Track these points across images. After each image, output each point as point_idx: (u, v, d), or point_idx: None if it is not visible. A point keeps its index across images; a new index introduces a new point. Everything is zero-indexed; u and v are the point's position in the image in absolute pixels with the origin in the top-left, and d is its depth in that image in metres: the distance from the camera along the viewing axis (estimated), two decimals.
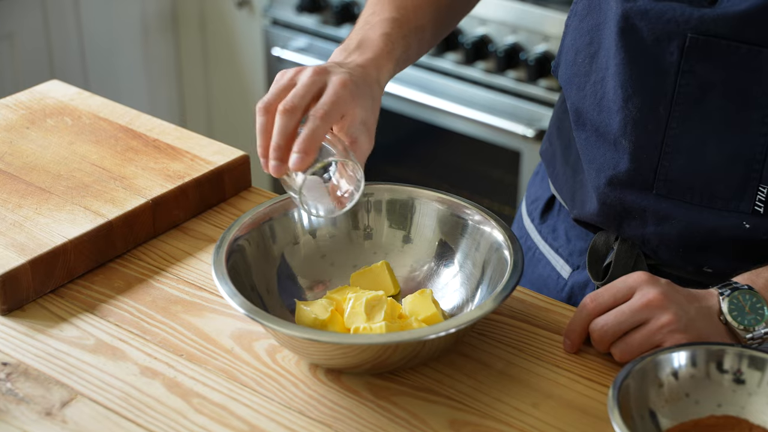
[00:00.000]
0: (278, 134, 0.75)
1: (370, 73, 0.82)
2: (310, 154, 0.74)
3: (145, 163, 0.96)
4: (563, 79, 0.89)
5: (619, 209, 0.84)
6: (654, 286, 0.74)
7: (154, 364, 0.77)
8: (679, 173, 0.81)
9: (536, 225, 0.98)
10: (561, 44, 0.91)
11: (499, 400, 0.74)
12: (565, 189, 0.91)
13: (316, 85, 0.77)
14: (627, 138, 0.81)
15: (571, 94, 0.87)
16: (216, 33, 2.06)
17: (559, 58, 0.91)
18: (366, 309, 0.77)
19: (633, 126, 0.81)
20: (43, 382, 0.75)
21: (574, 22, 0.87)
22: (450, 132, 1.77)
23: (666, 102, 0.79)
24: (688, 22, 0.77)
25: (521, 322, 0.82)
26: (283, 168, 0.75)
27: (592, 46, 0.84)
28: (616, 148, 0.82)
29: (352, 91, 0.78)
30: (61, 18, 1.89)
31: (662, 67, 0.79)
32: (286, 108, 0.76)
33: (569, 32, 0.88)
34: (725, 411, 0.70)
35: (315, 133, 0.75)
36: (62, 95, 1.07)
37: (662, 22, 0.78)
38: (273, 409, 0.73)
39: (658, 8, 0.78)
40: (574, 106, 0.86)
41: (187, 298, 0.84)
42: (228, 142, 1.02)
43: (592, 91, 0.84)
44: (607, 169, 0.83)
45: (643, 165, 0.81)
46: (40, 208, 0.89)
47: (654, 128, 0.80)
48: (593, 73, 0.84)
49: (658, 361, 0.71)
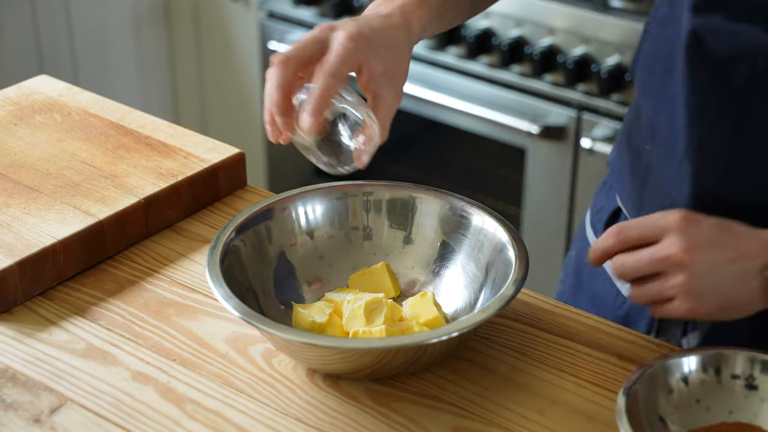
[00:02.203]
0: (272, 87, 0.73)
1: (394, 22, 0.78)
2: (319, 114, 0.72)
3: (137, 161, 0.95)
4: (640, 87, 0.86)
5: None
6: (684, 236, 0.71)
7: (146, 369, 0.76)
8: (744, 198, 0.78)
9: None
10: (638, 49, 0.87)
11: (503, 407, 0.73)
12: (631, 203, 0.88)
13: (318, 39, 0.74)
14: (690, 160, 0.78)
15: (648, 106, 0.84)
16: (210, 26, 2.05)
17: (635, 63, 0.88)
18: (365, 312, 0.77)
19: (697, 148, 0.78)
20: (32, 388, 0.74)
21: (655, 29, 0.84)
22: (452, 128, 1.76)
23: (732, 126, 0.77)
24: (761, 46, 0.74)
25: (526, 326, 0.81)
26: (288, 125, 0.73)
27: (670, 58, 0.80)
28: (680, 169, 0.80)
29: (362, 44, 0.74)
30: (50, 10, 1.88)
31: (729, 89, 0.76)
32: (280, 59, 0.73)
33: (648, 39, 0.85)
34: (737, 418, 0.70)
35: (323, 91, 0.72)
36: (51, 91, 1.06)
37: (733, 43, 0.75)
38: (269, 415, 0.72)
39: (731, 28, 0.75)
40: (649, 118, 0.84)
41: (180, 300, 0.83)
42: (223, 140, 1.02)
43: (666, 105, 0.81)
44: (671, 190, 0.81)
45: (704, 190, 0.78)
46: (28, 208, 0.88)
47: (718, 152, 0.78)
48: (669, 86, 0.80)
49: (668, 367, 0.70)
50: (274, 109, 0.73)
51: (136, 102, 2.05)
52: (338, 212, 0.84)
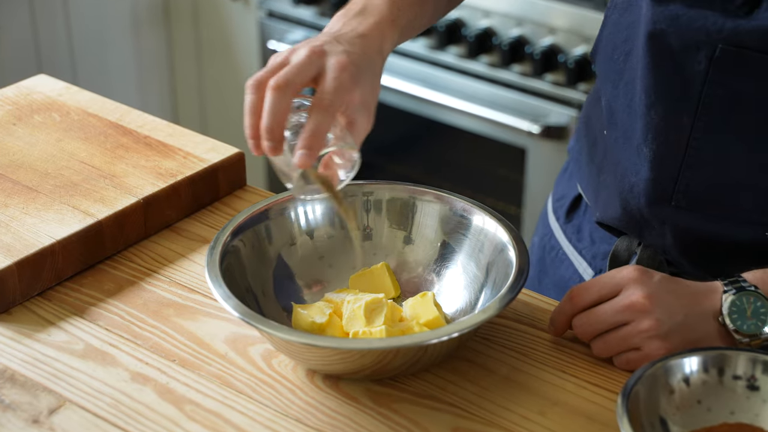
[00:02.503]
0: (269, 114, 0.71)
1: (372, 44, 0.78)
2: (316, 150, 0.71)
3: (136, 161, 0.95)
4: (600, 73, 0.87)
5: (638, 217, 0.83)
6: (641, 286, 0.73)
7: (145, 369, 0.76)
8: (701, 185, 0.79)
9: (561, 224, 0.96)
10: (599, 35, 0.88)
11: (504, 407, 0.73)
12: (590, 189, 0.89)
13: (313, 65, 0.74)
14: (648, 146, 0.80)
15: (606, 91, 0.85)
16: (209, 25, 2.05)
17: (597, 47, 0.88)
18: (365, 312, 0.77)
19: (655, 134, 0.79)
20: (30, 389, 0.74)
21: (614, 15, 0.85)
22: (452, 128, 1.75)
23: (690, 112, 0.77)
24: (720, 32, 0.75)
25: (526, 326, 0.80)
26: (277, 149, 0.72)
27: (627, 44, 0.82)
28: (638, 155, 0.81)
29: (353, 74, 0.74)
30: (49, 9, 1.87)
31: (688, 75, 0.77)
32: (279, 84, 0.71)
33: (608, 24, 0.86)
34: (739, 419, 0.69)
35: (320, 128, 0.71)
36: (50, 90, 1.06)
37: (693, 30, 0.76)
38: (269, 416, 0.72)
39: (690, 15, 0.76)
40: (608, 103, 0.85)
41: (179, 301, 0.83)
42: (222, 139, 1.01)
43: (624, 91, 0.82)
44: (630, 175, 0.82)
45: (662, 175, 0.80)
46: (26, 208, 0.88)
47: (676, 138, 0.79)
48: (626, 72, 0.82)
49: (669, 367, 0.70)
50: (266, 135, 0.72)
51: (135, 101, 2.05)
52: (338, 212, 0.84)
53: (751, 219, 0.78)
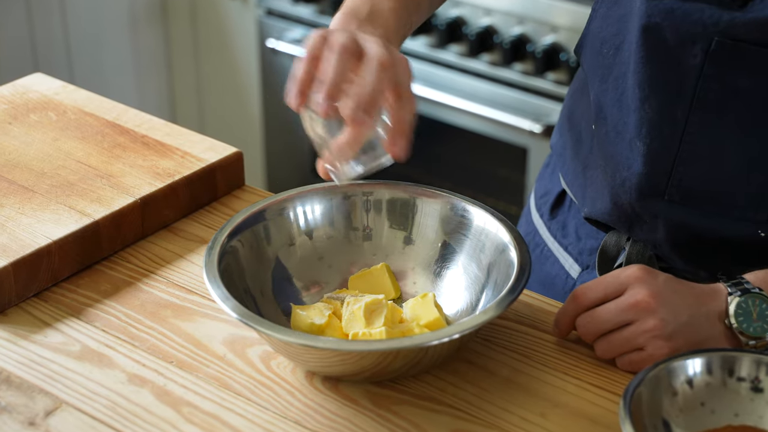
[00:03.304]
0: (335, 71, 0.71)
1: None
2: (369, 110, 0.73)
3: (134, 161, 0.94)
4: (587, 67, 0.86)
5: (629, 212, 0.82)
6: (646, 285, 0.73)
7: (142, 371, 0.75)
8: (694, 180, 0.79)
9: (545, 221, 0.95)
10: (586, 28, 0.88)
11: (505, 410, 0.73)
12: (576, 185, 0.89)
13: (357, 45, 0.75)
14: (642, 140, 0.79)
15: (594, 85, 0.85)
16: (208, 24, 2.04)
17: (583, 40, 0.88)
18: (365, 314, 0.76)
19: (648, 128, 0.79)
20: (26, 391, 0.73)
21: (602, 9, 0.85)
22: (453, 127, 1.75)
23: (684, 106, 0.77)
24: (716, 25, 0.75)
25: (528, 328, 0.80)
26: (332, 108, 0.72)
27: (617, 38, 0.82)
28: (631, 149, 0.81)
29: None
30: (45, 7, 1.87)
31: (683, 69, 0.77)
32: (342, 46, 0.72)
33: (596, 17, 0.86)
34: (743, 421, 0.69)
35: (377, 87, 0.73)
36: (46, 89, 1.06)
37: (688, 23, 0.76)
38: (267, 418, 0.71)
39: (685, 8, 0.75)
40: (596, 98, 0.84)
41: (177, 302, 0.83)
42: (220, 139, 1.01)
43: (614, 85, 0.82)
44: (621, 170, 0.82)
45: (656, 169, 0.80)
46: (22, 208, 0.88)
47: (670, 132, 0.78)
48: (616, 66, 0.82)
49: (672, 369, 0.69)
50: (329, 89, 0.71)
51: (133, 100, 2.04)
52: (337, 212, 0.83)
53: (744, 216, 0.78)
